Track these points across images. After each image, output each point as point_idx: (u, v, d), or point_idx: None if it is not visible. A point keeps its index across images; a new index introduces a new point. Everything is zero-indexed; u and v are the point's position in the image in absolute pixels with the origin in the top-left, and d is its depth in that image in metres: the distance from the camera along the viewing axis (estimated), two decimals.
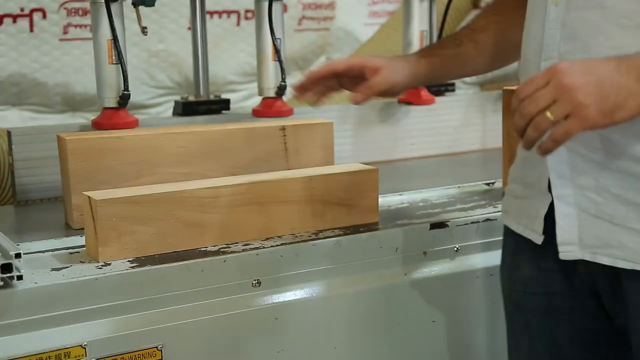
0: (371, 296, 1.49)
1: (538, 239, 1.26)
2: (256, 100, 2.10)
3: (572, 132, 1.04)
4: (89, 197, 1.34)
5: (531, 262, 1.30)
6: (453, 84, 2.44)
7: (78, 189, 1.50)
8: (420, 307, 1.54)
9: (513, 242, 1.33)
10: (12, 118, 3.07)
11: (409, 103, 2.26)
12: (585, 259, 1.20)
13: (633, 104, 1.04)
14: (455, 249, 1.58)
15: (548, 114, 1.04)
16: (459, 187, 1.85)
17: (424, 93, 2.26)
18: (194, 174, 1.58)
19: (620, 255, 1.17)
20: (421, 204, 1.74)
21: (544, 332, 1.32)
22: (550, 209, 1.23)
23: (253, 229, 1.45)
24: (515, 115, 1.08)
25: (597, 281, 1.23)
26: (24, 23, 3.00)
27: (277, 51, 1.95)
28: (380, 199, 1.70)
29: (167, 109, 3.40)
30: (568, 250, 1.21)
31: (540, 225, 1.25)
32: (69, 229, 1.56)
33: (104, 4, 1.70)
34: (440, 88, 2.39)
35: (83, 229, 1.40)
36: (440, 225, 1.57)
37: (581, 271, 1.24)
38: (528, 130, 1.06)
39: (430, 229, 1.56)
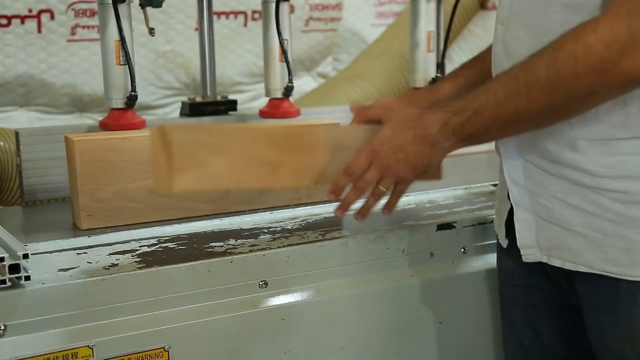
0: (378, 297, 1.49)
1: (504, 242, 1.40)
2: (263, 101, 2.10)
3: (403, 191, 1.36)
4: (160, 127, 1.28)
5: (511, 256, 1.38)
6: None
7: (85, 189, 1.51)
8: (427, 308, 1.54)
9: (498, 238, 1.43)
10: (20, 118, 3.08)
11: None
12: (543, 261, 1.29)
13: (434, 160, 1.30)
14: (462, 250, 1.58)
15: (381, 187, 1.33)
16: (465, 188, 1.85)
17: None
18: None
19: (568, 257, 1.25)
20: (428, 205, 1.73)
21: (527, 324, 1.40)
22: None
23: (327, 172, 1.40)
24: (350, 192, 1.35)
25: (559, 280, 1.31)
26: (32, 24, 3.00)
27: (284, 52, 1.95)
28: (386, 200, 1.70)
29: (174, 110, 3.40)
30: (529, 253, 1.31)
31: (502, 229, 1.38)
32: (76, 229, 1.56)
33: (111, 5, 1.70)
34: None
35: (90, 229, 1.40)
36: (447, 226, 1.57)
37: (548, 269, 1.30)
38: (368, 200, 1.35)
39: (437, 230, 1.56)
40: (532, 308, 1.39)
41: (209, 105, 2.06)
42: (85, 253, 1.41)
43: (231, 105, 2.09)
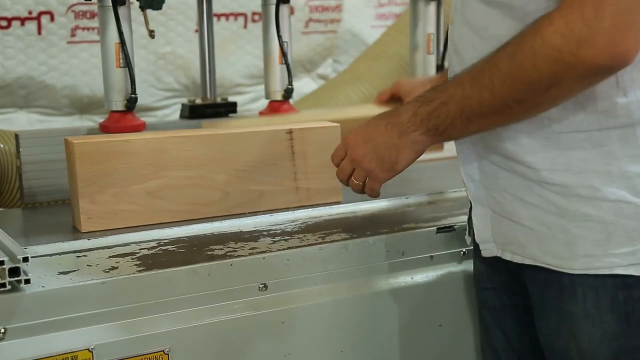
0: (377, 300, 1.49)
1: (468, 239, 1.43)
2: (263, 103, 2.10)
3: (375, 188, 1.38)
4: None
5: (480, 258, 1.40)
6: None
7: (85, 192, 1.51)
8: (427, 311, 1.54)
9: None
10: (20, 120, 3.08)
11: None
12: (498, 255, 1.31)
13: (404, 156, 1.31)
14: (462, 252, 1.58)
15: (353, 179, 1.38)
16: (465, 190, 1.84)
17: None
18: (202, 177, 1.58)
19: (517, 250, 1.27)
20: (428, 207, 1.73)
21: (497, 327, 1.42)
22: None
23: None
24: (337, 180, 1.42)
25: (521, 279, 1.32)
26: (32, 26, 3.01)
27: (284, 54, 1.95)
28: (386, 203, 1.71)
29: (174, 112, 3.41)
30: (486, 248, 1.33)
31: (466, 227, 1.42)
32: (76, 232, 1.56)
33: (111, 8, 1.70)
34: None
35: (90, 232, 1.40)
36: (447, 229, 1.57)
37: (512, 267, 1.31)
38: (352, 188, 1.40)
39: (436, 232, 1.56)
40: (501, 311, 1.41)
41: (209, 108, 2.07)
42: (85, 256, 1.41)
43: (231, 107, 2.09)
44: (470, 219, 1.39)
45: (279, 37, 1.93)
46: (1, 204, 2.18)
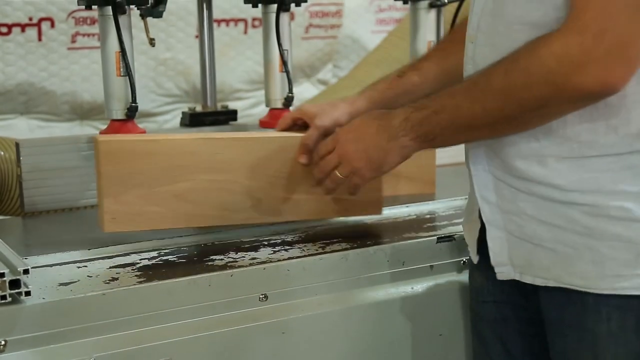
0: (378, 310, 1.49)
1: (475, 258, 1.40)
2: (263, 108, 2.10)
3: (357, 185, 1.42)
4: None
5: (481, 272, 1.39)
6: None
7: (110, 192, 1.44)
8: (427, 321, 1.54)
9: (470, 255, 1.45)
10: (21, 126, 3.09)
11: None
12: (516, 278, 1.30)
13: (391, 159, 1.34)
14: (462, 262, 1.58)
15: (337, 172, 1.40)
16: (465, 198, 1.84)
17: None
18: (232, 182, 1.51)
19: (539, 273, 1.26)
20: (428, 216, 1.74)
21: (497, 340, 1.41)
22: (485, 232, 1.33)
23: None
24: (315, 169, 1.47)
25: (529, 295, 1.31)
26: (32, 32, 3.01)
27: (284, 62, 1.95)
28: (387, 211, 1.71)
29: (175, 117, 3.41)
30: (502, 271, 1.32)
31: (474, 247, 1.39)
32: (76, 242, 1.55)
33: (112, 17, 1.70)
34: None
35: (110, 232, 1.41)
36: (447, 238, 1.57)
37: (520, 284, 1.31)
38: (326, 182, 1.44)
39: (437, 242, 1.56)
40: (502, 323, 1.40)
41: (209, 116, 2.07)
42: (86, 266, 1.41)
43: (231, 115, 2.10)
44: (480, 240, 1.36)
45: (279, 45, 1.93)
46: (1, 212, 2.18)
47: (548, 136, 1.20)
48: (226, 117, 2.09)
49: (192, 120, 2.05)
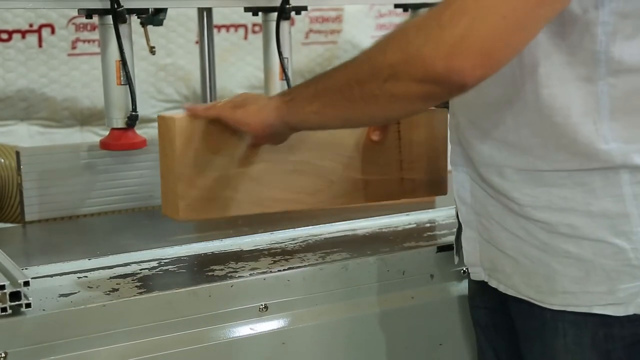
0: (378, 320, 1.49)
1: (455, 258, 1.44)
2: None
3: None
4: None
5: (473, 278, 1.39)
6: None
7: (185, 175, 1.36)
8: (427, 331, 1.54)
9: None
10: (21, 132, 3.08)
11: None
12: (485, 280, 1.31)
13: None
14: (462, 271, 1.58)
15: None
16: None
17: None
18: (305, 162, 1.47)
19: (502, 279, 1.27)
20: (428, 224, 1.74)
21: (489, 345, 1.42)
22: None
23: None
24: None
25: (505, 302, 1.30)
26: (32, 38, 3.00)
27: (284, 70, 1.95)
28: (387, 220, 1.71)
29: None
30: (475, 272, 1.33)
31: (453, 245, 1.43)
32: (76, 251, 1.55)
33: (112, 26, 1.70)
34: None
35: (187, 220, 1.37)
36: (447, 248, 1.57)
37: (498, 292, 1.30)
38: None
39: (437, 251, 1.56)
40: (493, 330, 1.40)
41: None
42: (86, 277, 1.41)
43: None
44: (457, 239, 1.39)
45: (280, 53, 1.93)
46: (2, 219, 2.18)
47: (508, 146, 1.20)
48: None
49: None
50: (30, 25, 2.99)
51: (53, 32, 3.03)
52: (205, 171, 1.36)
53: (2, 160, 2.18)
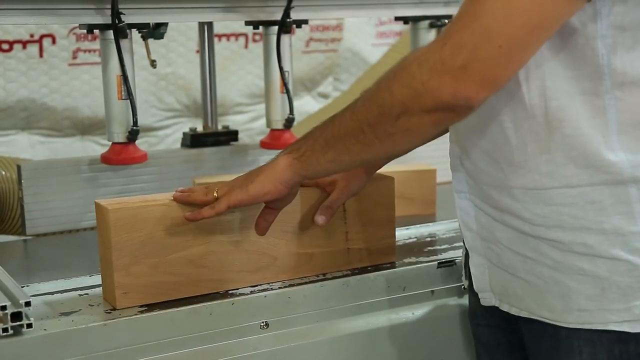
0: (379, 336, 1.49)
1: (465, 282, 1.44)
2: (263, 122, 2.10)
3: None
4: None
5: (474, 295, 1.38)
6: None
7: (121, 264, 1.33)
8: (428, 347, 1.54)
9: None
10: (22, 142, 3.09)
11: None
12: (496, 305, 1.31)
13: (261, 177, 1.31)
14: (463, 287, 1.58)
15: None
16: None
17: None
18: (248, 241, 1.42)
19: (514, 302, 1.27)
20: (428, 239, 1.74)
21: None
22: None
23: None
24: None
25: (515, 323, 1.31)
26: (33, 49, 3.02)
27: (285, 84, 1.95)
28: None
29: (175, 131, 3.42)
30: (485, 297, 1.33)
31: (462, 270, 1.44)
32: (76, 268, 1.55)
33: (113, 41, 1.70)
34: None
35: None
36: (448, 263, 1.57)
37: (505, 311, 1.31)
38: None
39: (437, 267, 1.56)
40: (496, 348, 1.40)
41: (210, 137, 2.07)
42: (87, 294, 1.41)
43: (232, 135, 2.10)
44: (466, 264, 1.38)
45: (280, 68, 1.93)
46: (3, 231, 2.18)
47: (511, 167, 1.20)
48: (227, 137, 2.09)
49: (193, 141, 2.05)
50: (31, 36, 3.00)
51: (54, 42, 3.04)
52: (141, 258, 1.35)
53: (3, 173, 2.19)
